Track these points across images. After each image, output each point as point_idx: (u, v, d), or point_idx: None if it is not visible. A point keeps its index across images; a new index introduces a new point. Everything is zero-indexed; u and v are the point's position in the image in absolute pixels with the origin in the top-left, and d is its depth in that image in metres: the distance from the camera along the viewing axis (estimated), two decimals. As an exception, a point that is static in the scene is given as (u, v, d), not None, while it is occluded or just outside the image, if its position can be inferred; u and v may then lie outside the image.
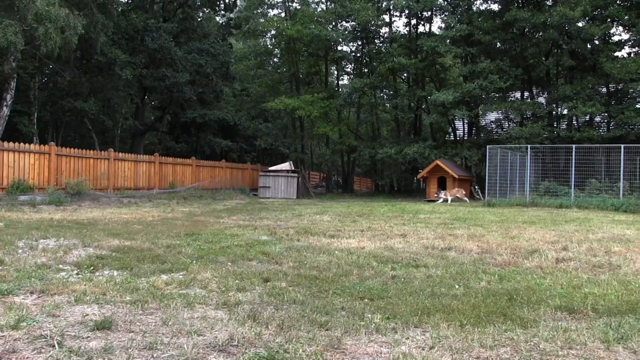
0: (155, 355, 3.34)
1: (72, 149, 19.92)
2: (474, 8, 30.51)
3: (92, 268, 6.02)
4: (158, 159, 24.49)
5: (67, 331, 3.72)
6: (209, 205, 19.49)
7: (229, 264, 6.53)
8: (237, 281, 5.49)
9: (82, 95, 26.47)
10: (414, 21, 33.53)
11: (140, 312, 4.27)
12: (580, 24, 26.06)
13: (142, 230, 10.01)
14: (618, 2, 26.35)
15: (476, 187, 25.94)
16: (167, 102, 33.01)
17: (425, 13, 32.42)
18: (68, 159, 19.37)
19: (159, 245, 7.86)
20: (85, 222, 11.32)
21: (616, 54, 27.25)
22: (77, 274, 5.75)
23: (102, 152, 21.65)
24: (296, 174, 28.81)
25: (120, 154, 22.66)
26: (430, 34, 32.75)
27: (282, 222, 12.26)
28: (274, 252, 7.39)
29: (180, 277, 5.67)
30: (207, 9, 36.32)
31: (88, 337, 3.63)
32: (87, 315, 4.13)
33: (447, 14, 31.18)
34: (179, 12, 32.61)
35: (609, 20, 26.36)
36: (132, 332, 3.75)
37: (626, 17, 25.67)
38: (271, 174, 28.88)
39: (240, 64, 36.56)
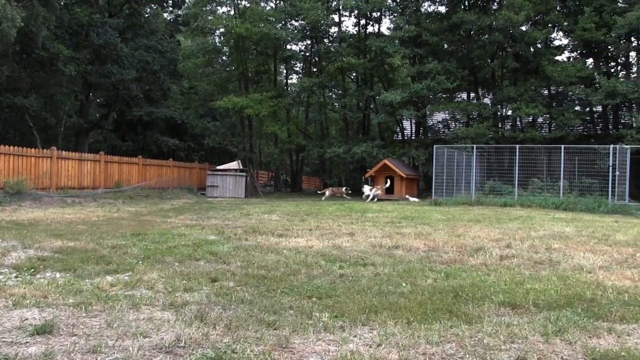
0: (99, 358, 3.26)
1: (11, 147, 19.18)
2: (422, 10, 30.98)
3: (32, 270, 5.83)
4: (103, 158, 23.90)
5: (3, 337, 3.58)
6: (156, 204, 19.15)
7: (176, 264, 6.44)
8: (184, 281, 5.42)
9: (22, 91, 25.49)
10: (363, 21, 33.84)
11: (84, 314, 4.16)
12: (523, 28, 26.88)
13: (86, 230, 9.75)
14: (558, 8, 27.32)
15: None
16: (113, 100, 32.17)
17: (374, 13, 32.75)
18: (7, 157, 18.65)
19: (104, 246, 7.68)
20: (26, 223, 10.95)
21: (557, 57, 28.26)
22: (16, 276, 5.56)
23: (45, 150, 20.95)
24: (244, 173, 28.62)
25: (63, 152, 22.00)
26: (379, 34, 33.10)
27: (230, 222, 12.17)
28: (221, 252, 7.33)
29: (126, 278, 5.55)
30: (154, 5, 35.55)
31: (27, 342, 3.51)
32: (26, 319, 3.99)
33: (395, 15, 31.57)
34: (126, 7, 31.85)
35: (550, 25, 27.30)
36: (75, 335, 3.65)
37: (565, 23, 26.67)
38: (219, 173, 28.60)
39: (189, 62, 36.03)
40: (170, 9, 38.44)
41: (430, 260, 7.03)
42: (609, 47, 26.65)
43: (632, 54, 27.44)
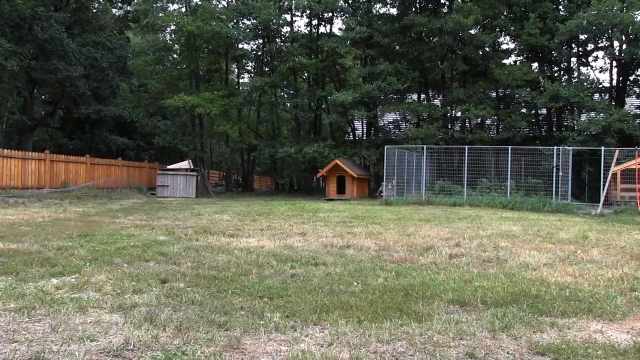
0: (43, 363, 3.16)
1: (-50, 145, 18.46)
2: (374, 11, 31.32)
3: (-28, 273, 5.61)
4: (49, 157, 23.21)
5: (-61, 345, 3.43)
6: (104, 204, 18.71)
7: (125, 265, 6.30)
8: (133, 283, 5.31)
9: (-41, 87, 24.51)
10: (315, 21, 33.92)
11: (27, 319, 4.02)
12: (472, 32, 27.51)
13: (30, 232, 9.44)
14: (505, 13, 28.05)
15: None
16: (59, 97, 31.27)
17: (326, 14, 32.89)
18: (-55, 155, 17.92)
19: (49, 248, 7.45)
20: (-35, 224, 10.53)
21: (504, 61, 29.02)
22: (-45, 279, 5.34)
23: (-15, 148, 20.21)
24: (195, 173, 28.30)
25: (5, 150, 21.26)
26: (331, 34, 33.25)
27: (180, 222, 12.00)
28: (172, 253, 7.22)
29: (73, 280, 5.41)
30: (103, 0, 34.79)
31: (-38, 351, 3.36)
32: (-37, 325, 3.83)
33: (347, 15, 31.80)
34: (72, 1, 31.00)
35: (497, 29, 28.04)
36: (16, 342, 3.52)
37: (512, 28, 27.45)
38: (169, 172, 28.19)
39: (138, 59, 35.34)
40: (120, 4, 37.63)
41: (381, 259, 7.09)
42: (553, 52, 27.56)
43: (573, 59, 28.44)
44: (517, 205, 18.60)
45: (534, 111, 28.19)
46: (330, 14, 33.16)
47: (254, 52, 36.02)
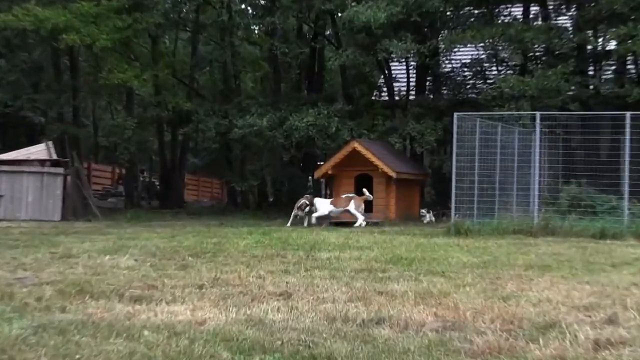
0: None
1: None
2: None
3: None
4: None
5: None
6: None
7: None
8: None
9: None
10: None
11: None
12: None
13: None
14: None
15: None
16: None
17: None
18: None
19: None
20: None
21: None
22: None
23: None
24: (62, 169, 28.37)
25: None
26: None
27: (28, 272, 11.97)
28: (5, 339, 7.10)
29: None
30: None
31: None
32: None
33: None
34: None
35: None
36: None
37: None
38: (4, 167, 28.20)
39: None
40: None
41: (447, 347, 7.01)
42: None
43: None
44: None
45: None
46: None
47: None
